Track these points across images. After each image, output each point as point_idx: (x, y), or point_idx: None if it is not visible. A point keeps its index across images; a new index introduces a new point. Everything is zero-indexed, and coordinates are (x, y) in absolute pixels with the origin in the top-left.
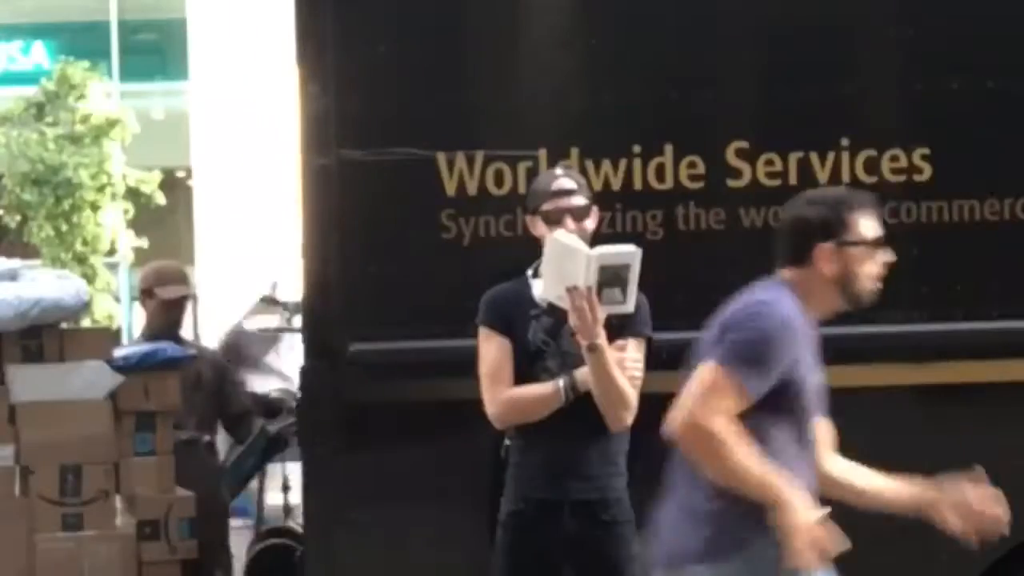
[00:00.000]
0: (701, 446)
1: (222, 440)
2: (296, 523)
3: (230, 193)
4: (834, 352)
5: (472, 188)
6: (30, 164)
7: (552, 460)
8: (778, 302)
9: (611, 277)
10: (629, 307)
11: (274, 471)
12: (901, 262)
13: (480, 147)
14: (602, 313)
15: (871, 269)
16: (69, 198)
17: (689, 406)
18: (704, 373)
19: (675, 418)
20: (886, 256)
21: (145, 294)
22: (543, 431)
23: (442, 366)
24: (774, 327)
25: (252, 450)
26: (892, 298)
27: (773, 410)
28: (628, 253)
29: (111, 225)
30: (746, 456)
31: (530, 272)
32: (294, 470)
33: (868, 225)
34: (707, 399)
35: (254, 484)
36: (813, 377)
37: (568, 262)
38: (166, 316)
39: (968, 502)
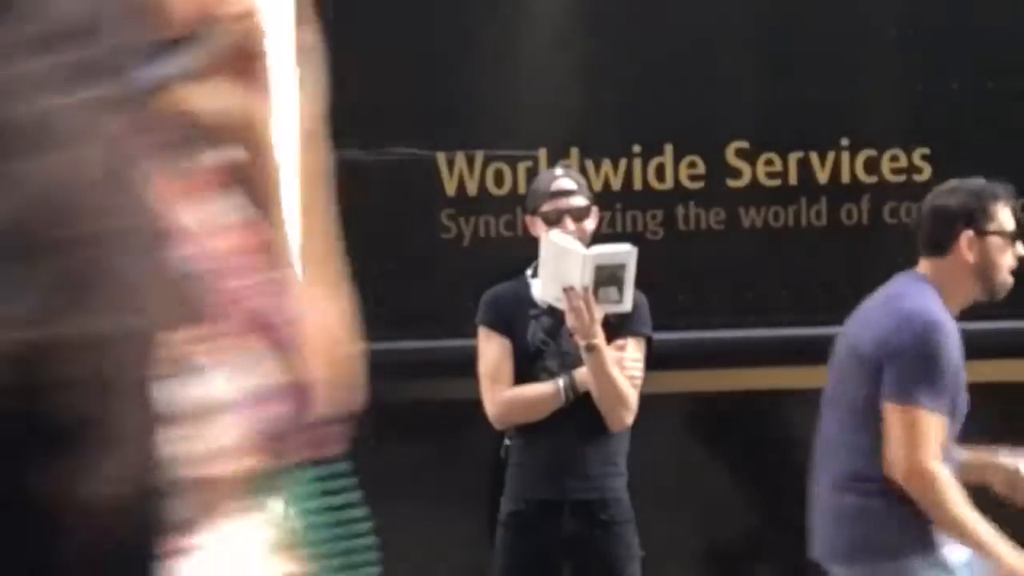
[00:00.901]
0: (927, 493)
1: None
2: None
3: None
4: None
5: (472, 188)
6: None
7: (552, 460)
8: (930, 309)
9: (607, 277)
10: (626, 306)
11: None
12: (902, 262)
13: (480, 147)
14: (599, 313)
15: (1009, 260)
16: None
17: (906, 454)
18: (902, 417)
19: (896, 465)
20: (1021, 249)
21: None
22: (543, 431)
23: (442, 366)
24: (940, 342)
25: None
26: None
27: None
28: (624, 252)
29: None
30: (964, 509)
31: (529, 272)
32: None
33: (1007, 216)
34: (919, 444)
35: None
36: (962, 376)
37: (564, 263)
38: None
39: None
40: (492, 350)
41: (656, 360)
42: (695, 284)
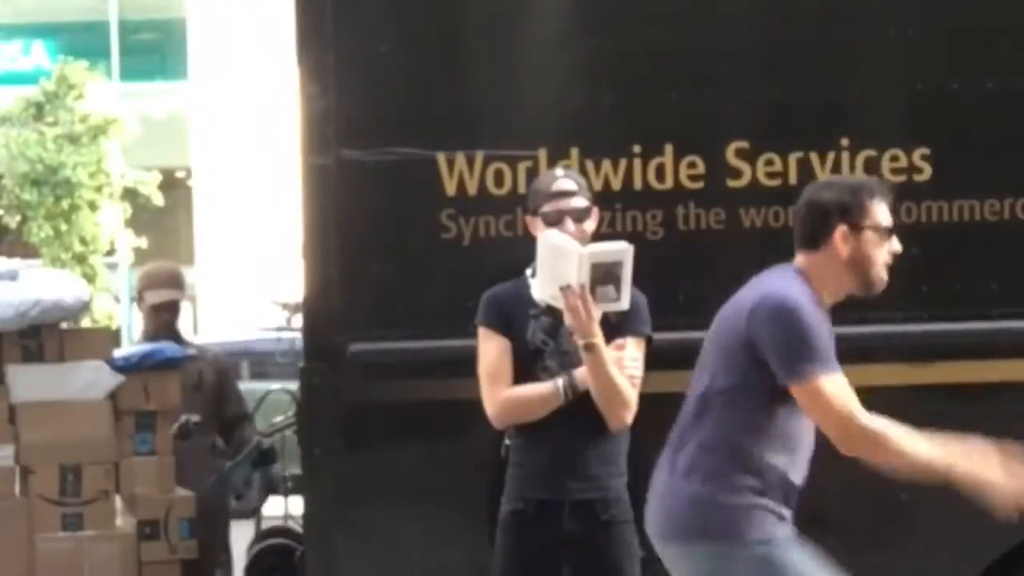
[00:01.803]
0: (877, 449)
1: None
2: (296, 523)
3: (230, 193)
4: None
5: (472, 188)
6: (29, 164)
7: (552, 460)
8: (785, 291)
9: (604, 275)
10: (624, 304)
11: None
12: (901, 262)
13: (480, 147)
14: (597, 311)
15: (883, 255)
16: (68, 198)
17: (832, 425)
18: (806, 394)
19: (836, 441)
20: (896, 245)
21: (138, 297)
22: (543, 431)
23: (442, 366)
24: (797, 318)
25: (244, 461)
26: (892, 298)
27: (780, 395)
28: (619, 250)
29: (110, 225)
30: (913, 443)
31: (529, 272)
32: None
33: (883, 212)
34: (844, 408)
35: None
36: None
37: (560, 262)
38: (155, 319)
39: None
40: (492, 350)
41: (656, 360)
42: (695, 284)
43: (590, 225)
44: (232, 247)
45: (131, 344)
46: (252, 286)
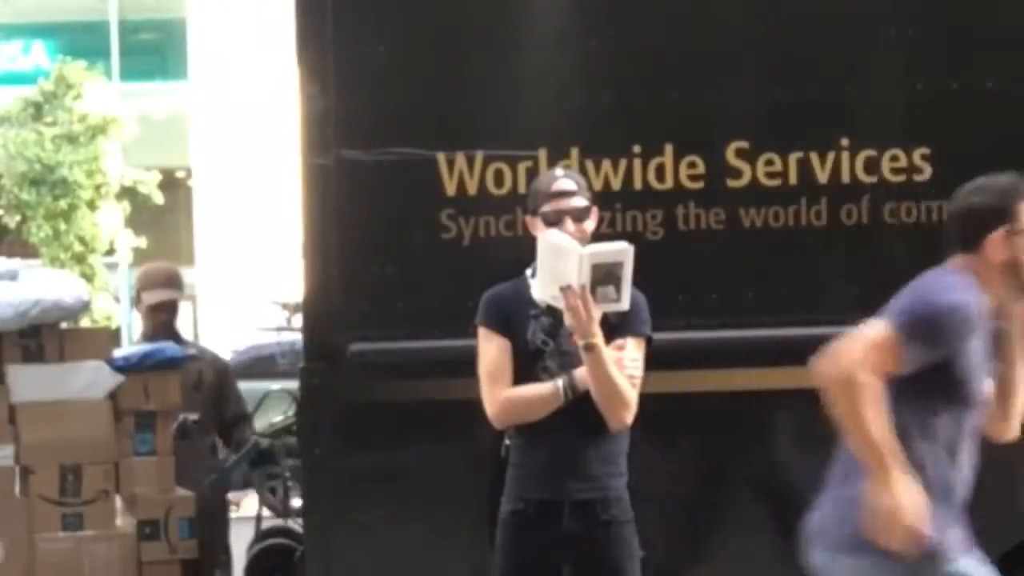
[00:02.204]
0: (842, 390)
1: None
2: (296, 523)
3: (230, 193)
4: None
5: (472, 188)
6: (28, 164)
7: (552, 460)
8: (964, 289)
9: (604, 275)
10: (624, 304)
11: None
12: (902, 262)
13: (480, 147)
14: (597, 312)
15: None
16: (66, 197)
17: (847, 351)
18: (873, 328)
19: (828, 357)
20: None
21: (136, 297)
22: (543, 431)
23: (442, 366)
24: (951, 310)
25: (241, 460)
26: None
27: (943, 395)
28: (620, 251)
29: (109, 225)
30: (877, 416)
31: (529, 272)
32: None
33: None
34: (866, 351)
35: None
36: (983, 369)
37: (560, 262)
38: (153, 320)
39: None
40: (492, 350)
41: (655, 360)
42: (695, 284)
43: (590, 225)
44: (232, 247)
45: (131, 344)
46: (252, 286)
